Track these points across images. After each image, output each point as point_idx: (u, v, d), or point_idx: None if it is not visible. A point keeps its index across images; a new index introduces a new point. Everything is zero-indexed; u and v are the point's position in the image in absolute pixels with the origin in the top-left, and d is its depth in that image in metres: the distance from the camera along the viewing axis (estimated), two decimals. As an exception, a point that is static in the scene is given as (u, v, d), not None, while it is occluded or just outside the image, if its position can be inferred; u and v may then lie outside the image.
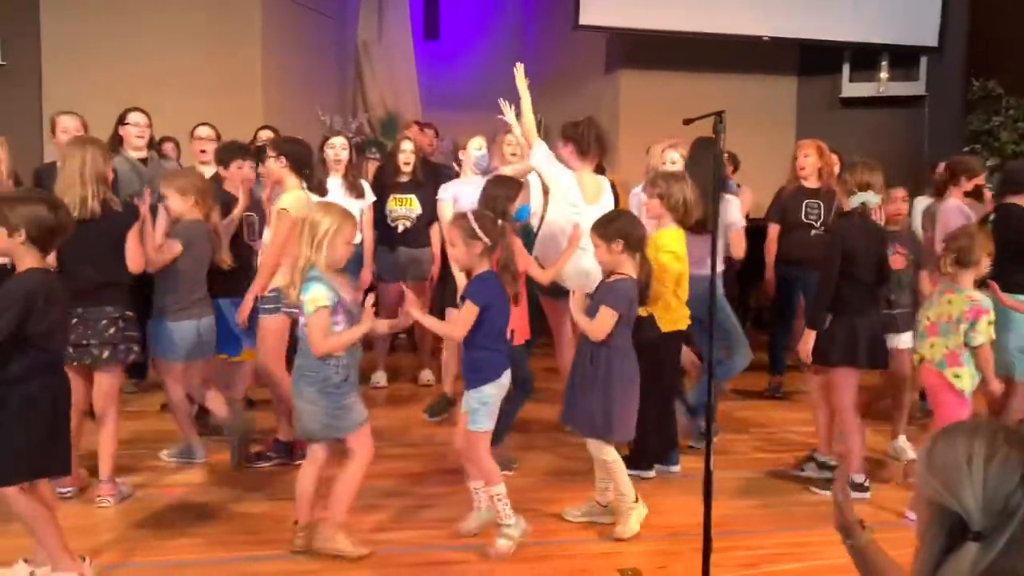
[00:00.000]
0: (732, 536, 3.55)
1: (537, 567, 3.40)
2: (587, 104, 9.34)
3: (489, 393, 3.48)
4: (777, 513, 3.99)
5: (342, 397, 3.35)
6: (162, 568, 3.31)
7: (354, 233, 3.41)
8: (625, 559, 3.44)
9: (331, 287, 3.28)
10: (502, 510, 3.47)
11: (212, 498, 4.02)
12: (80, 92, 7.18)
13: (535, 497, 4.02)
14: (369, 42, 9.83)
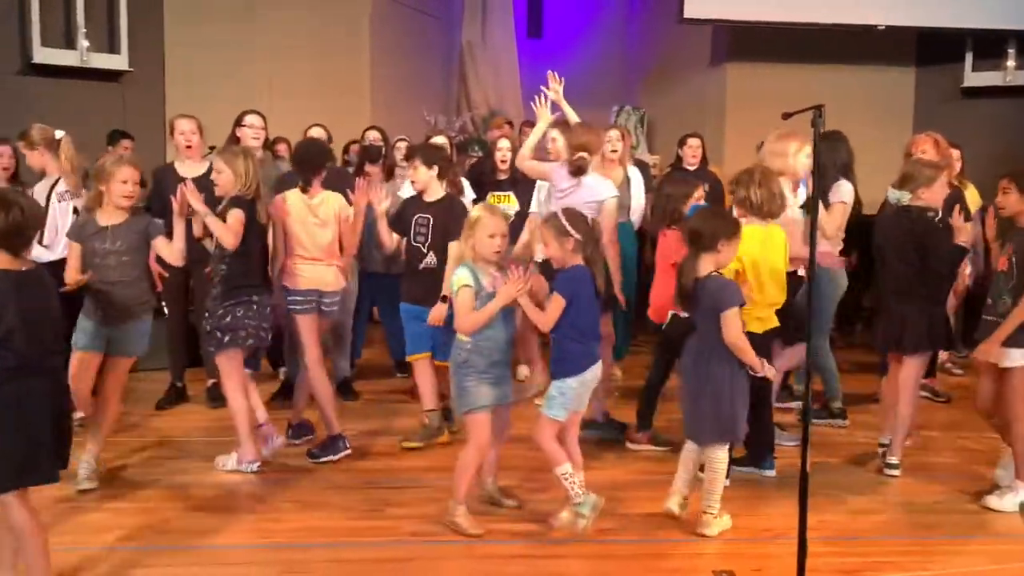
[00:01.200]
0: (832, 542, 3.47)
1: (630, 565, 3.39)
2: (692, 98, 9.24)
3: (569, 385, 3.56)
4: (882, 519, 3.85)
5: (463, 378, 3.56)
6: (272, 549, 3.45)
7: (496, 227, 3.59)
8: (720, 561, 3.38)
9: (475, 273, 3.55)
10: (570, 488, 3.54)
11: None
12: (199, 96, 7.55)
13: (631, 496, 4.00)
14: (473, 42, 9.97)
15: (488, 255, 3.58)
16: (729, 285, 3.63)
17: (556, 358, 3.61)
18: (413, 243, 4.64)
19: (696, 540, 3.57)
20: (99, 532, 3.55)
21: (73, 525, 3.62)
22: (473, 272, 3.56)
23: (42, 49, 7.61)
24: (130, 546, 3.44)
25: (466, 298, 3.52)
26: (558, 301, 3.53)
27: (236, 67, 8.02)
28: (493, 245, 3.57)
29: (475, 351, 3.56)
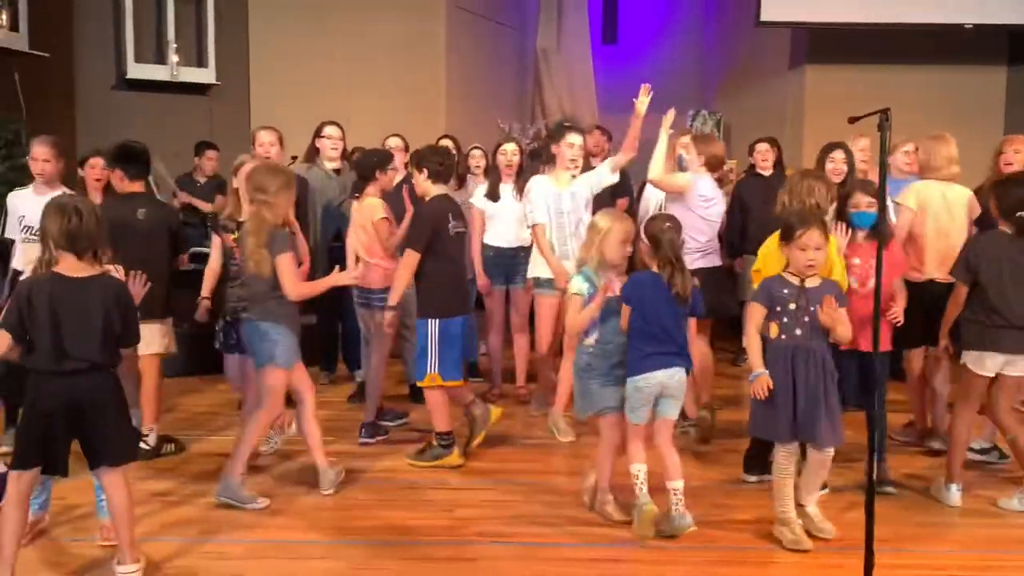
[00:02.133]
0: (902, 553, 3.40)
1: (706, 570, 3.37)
2: (770, 101, 9.09)
3: (634, 387, 3.60)
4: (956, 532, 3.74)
5: (587, 382, 3.69)
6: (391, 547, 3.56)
7: (628, 233, 3.68)
8: (788, 570, 3.34)
9: (589, 280, 3.67)
10: (636, 488, 3.63)
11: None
12: (281, 107, 7.82)
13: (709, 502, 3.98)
14: (548, 49, 10.02)
15: (617, 261, 3.68)
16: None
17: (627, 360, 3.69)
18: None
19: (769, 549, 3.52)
20: (186, 526, 3.72)
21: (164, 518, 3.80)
22: (590, 280, 3.68)
23: (136, 65, 8.00)
24: (216, 539, 3.59)
25: (573, 305, 3.70)
26: (625, 308, 3.64)
27: (316, 79, 8.26)
28: (624, 251, 3.67)
29: (597, 355, 3.69)
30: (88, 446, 3.04)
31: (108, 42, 8.01)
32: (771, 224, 4.59)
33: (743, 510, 3.88)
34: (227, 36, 8.39)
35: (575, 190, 5.12)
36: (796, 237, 3.45)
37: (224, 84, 8.35)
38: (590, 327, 3.68)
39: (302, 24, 8.42)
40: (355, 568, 3.35)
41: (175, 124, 7.88)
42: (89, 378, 2.98)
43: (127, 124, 7.77)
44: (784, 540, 3.49)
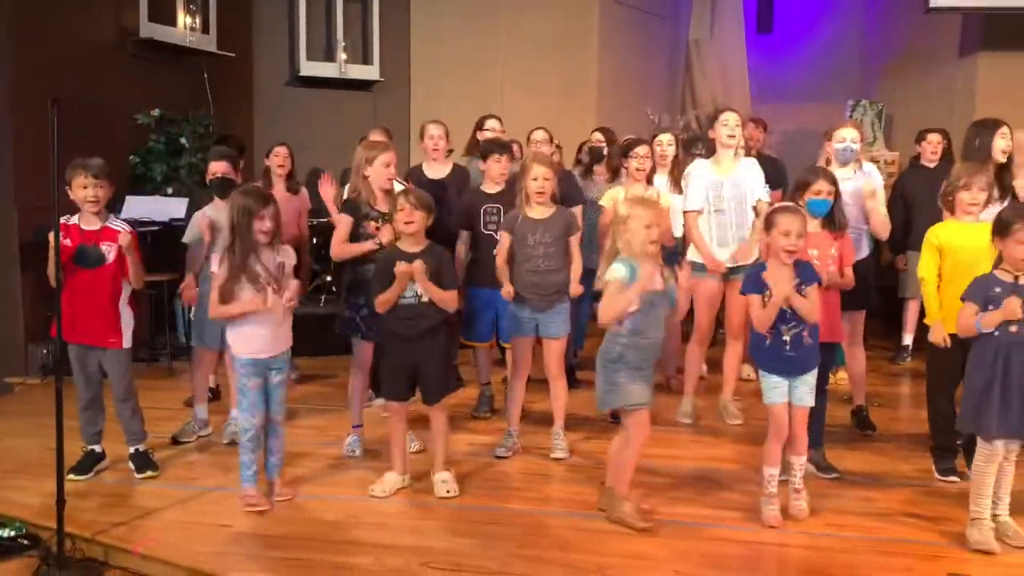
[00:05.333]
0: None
1: (862, 558, 3.37)
2: (937, 91, 8.69)
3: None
4: None
5: (614, 373, 3.58)
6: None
7: (650, 216, 3.54)
8: (958, 565, 3.29)
9: (629, 266, 3.50)
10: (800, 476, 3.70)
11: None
12: (440, 101, 8.15)
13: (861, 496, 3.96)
14: (701, 40, 9.93)
15: (645, 248, 3.51)
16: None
17: (818, 349, 3.72)
18: (485, 231, 4.86)
19: (937, 544, 3.48)
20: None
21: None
22: (631, 267, 3.50)
23: (307, 63, 8.52)
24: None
25: (615, 291, 3.51)
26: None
27: (473, 73, 8.56)
28: (650, 236, 3.51)
29: (631, 347, 3.57)
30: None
31: (283, 42, 8.58)
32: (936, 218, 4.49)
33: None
34: (390, 35, 8.81)
35: (738, 178, 5.03)
36: (1013, 232, 3.34)
37: (387, 80, 8.78)
38: (628, 317, 3.54)
39: (460, 23, 8.73)
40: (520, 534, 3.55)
41: (342, 118, 8.34)
42: None
43: (298, 118, 8.32)
44: (971, 540, 3.43)
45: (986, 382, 3.36)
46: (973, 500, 3.46)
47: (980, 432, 3.43)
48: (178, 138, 6.95)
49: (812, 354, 3.68)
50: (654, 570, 3.27)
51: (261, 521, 3.73)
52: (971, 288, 3.47)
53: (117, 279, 4.15)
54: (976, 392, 3.40)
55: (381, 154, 4.45)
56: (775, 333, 3.64)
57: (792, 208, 3.72)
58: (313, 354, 6.39)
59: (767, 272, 3.64)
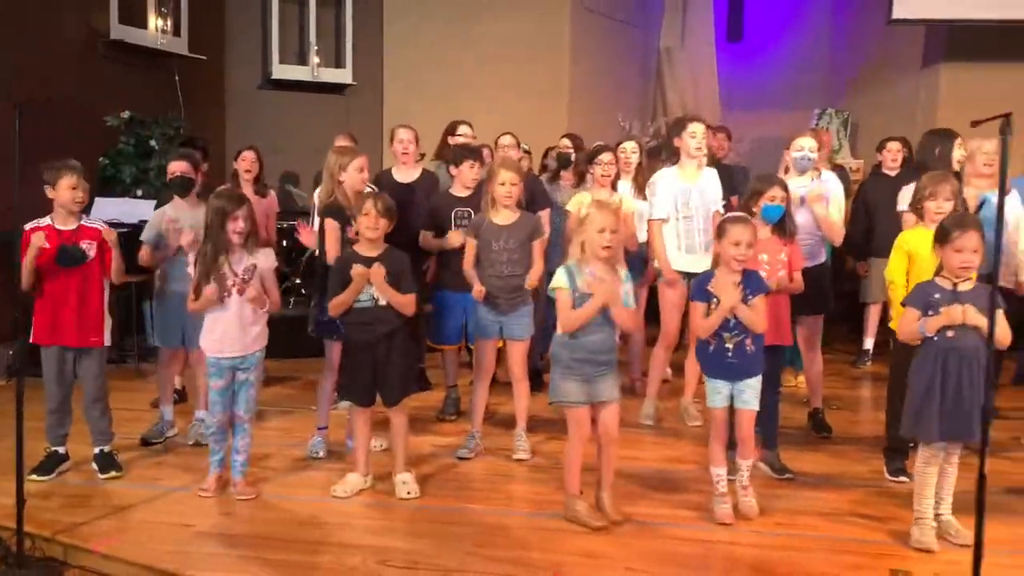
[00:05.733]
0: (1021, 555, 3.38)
1: (809, 555, 3.47)
2: (901, 101, 8.87)
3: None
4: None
5: (553, 370, 3.72)
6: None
7: (606, 222, 3.60)
8: (900, 562, 3.39)
9: (572, 275, 3.63)
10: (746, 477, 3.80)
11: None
12: (413, 107, 8.21)
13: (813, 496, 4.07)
14: (672, 48, 10.05)
15: (598, 251, 3.60)
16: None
17: (762, 355, 3.79)
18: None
19: (878, 542, 3.58)
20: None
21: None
22: (570, 274, 3.64)
23: (280, 66, 8.56)
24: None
25: (563, 299, 3.64)
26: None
27: (445, 79, 8.62)
28: (603, 240, 3.58)
29: (562, 345, 3.69)
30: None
31: (256, 45, 8.61)
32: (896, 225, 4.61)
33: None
34: (363, 39, 8.87)
35: (704, 186, 5.13)
36: (951, 240, 3.44)
37: (360, 84, 8.83)
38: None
39: (433, 27, 8.79)
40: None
41: (315, 122, 8.39)
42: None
43: (271, 121, 8.35)
44: (912, 539, 3.52)
45: (926, 386, 3.46)
46: (916, 501, 3.56)
47: (921, 435, 3.53)
48: (148, 140, 6.97)
49: (755, 361, 3.77)
50: (607, 568, 3.34)
51: (223, 520, 3.78)
52: (912, 294, 3.58)
53: (100, 277, 4.22)
54: (917, 396, 3.50)
55: (355, 159, 4.55)
56: (718, 340, 3.73)
57: (743, 218, 3.81)
58: (281, 356, 6.40)
59: (715, 280, 3.74)
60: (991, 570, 3.15)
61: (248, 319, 3.97)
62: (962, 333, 3.40)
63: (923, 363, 3.50)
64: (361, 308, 3.94)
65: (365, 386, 4.03)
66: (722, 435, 3.81)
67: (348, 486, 4.07)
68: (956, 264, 3.42)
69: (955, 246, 3.41)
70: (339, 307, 3.94)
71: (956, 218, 3.58)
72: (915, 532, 3.53)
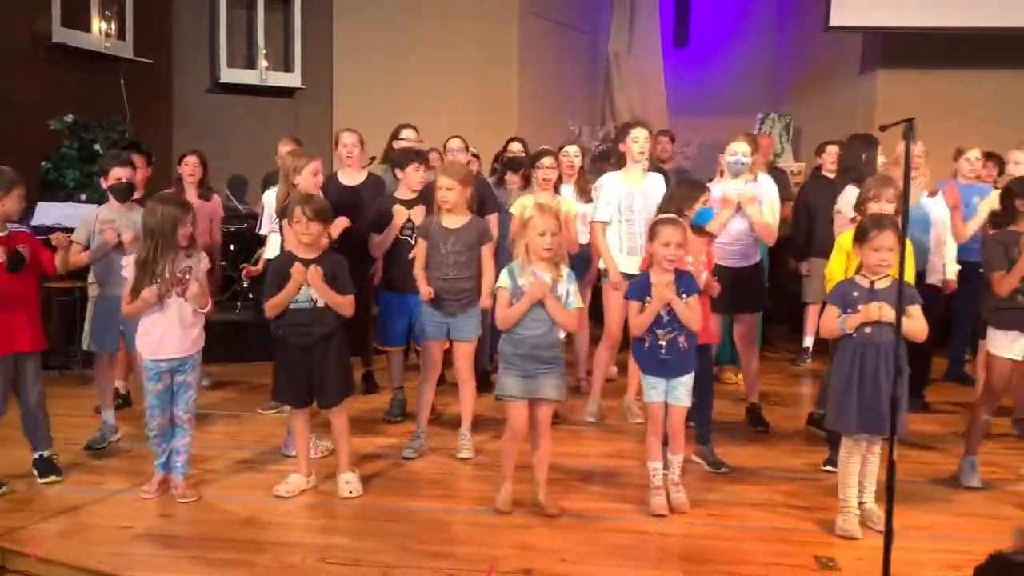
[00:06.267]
0: (941, 540, 3.59)
1: (737, 544, 3.60)
2: (841, 105, 9.12)
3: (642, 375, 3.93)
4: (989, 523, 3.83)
5: (504, 367, 3.83)
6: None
7: (548, 224, 3.73)
8: (825, 549, 3.52)
9: (513, 274, 3.77)
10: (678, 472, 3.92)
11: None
12: (362, 109, 8.24)
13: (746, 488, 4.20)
14: (620, 53, 10.20)
15: (540, 253, 3.75)
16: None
17: (695, 352, 3.90)
18: (400, 236, 5.03)
19: (804, 530, 3.71)
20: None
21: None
22: (511, 274, 3.79)
23: (228, 70, 8.53)
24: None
25: (502, 298, 3.80)
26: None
27: (395, 83, 8.67)
28: (544, 243, 3.73)
29: (506, 342, 3.84)
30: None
31: (203, 48, 8.57)
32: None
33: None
34: (312, 43, 8.88)
35: (648, 190, 5.23)
36: (870, 239, 3.58)
37: (309, 88, 8.83)
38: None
39: (382, 31, 8.84)
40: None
41: (263, 125, 8.37)
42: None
43: (219, 125, 8.33)
44: (837, 527, 3.65)
45: (845, 381, 3.61)
46: (840, 490, 3.71)
47: (842, 428, 3.68)
48: (92, 144, 6.91)
49: (688, 358, 3.88)
50: (542, 560, 3.42)
51: (163, 522, 3.79)
52: (833, 293, 3.73)
53: (36, 281, 4.23)
54: (838, 391, 3.65)
55: (309, 163, 4.63)
56: (652, 337, 3.84)
57: (673, 220, 3.92)
58: (227, 360, 6.43)
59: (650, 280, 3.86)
60: (908, 554, 3.32)
61: (188, 321, 3.99)
62: (879, 329, 3.55)
63: (842, 359, 3.64)
64: (298, 309, 3.98)
65: (301, 388, 4.06)
66: (658, 430, 3.91)
67: (291, 486, 4.09)
68: (873, 262, 3.57)
69: (873, 245, 3.56)
70: (275, 308, 3.98)
71: (874, 218, 3.73)
72: (839, 520, 3.67)
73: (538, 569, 3.34)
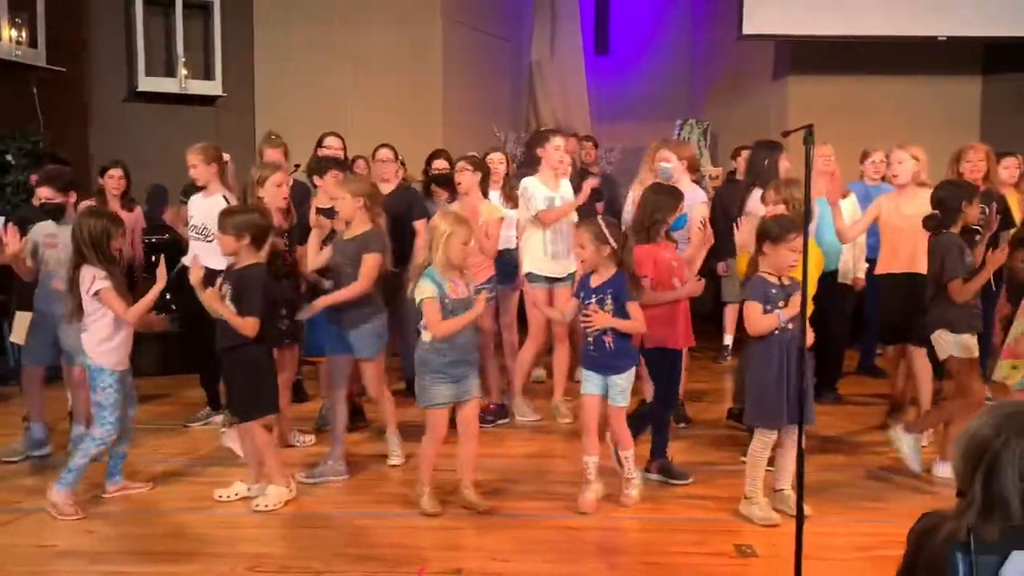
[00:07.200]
0: (851, 524, 3.79)
1: (658, 536, 3.73)
2: (755, 111, 9.43)
3: (634, 374, 3.97)
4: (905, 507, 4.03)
5: (422, 376, 3.89)
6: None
7: (468, 234, 3.85)
8: (743, 536, 3.68)
9: (437, 282, 3.80)
10: (630, 468, 3.98)
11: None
12: (285, 117, 8.17)
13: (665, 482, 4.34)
14: (542, 61, 10.36)
15: (460, 262, 3.86)
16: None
17: (626, 354, 3.94)
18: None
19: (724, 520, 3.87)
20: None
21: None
22: (436, 282, 3.81)
23: (146, 78, 8.37)
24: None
25: (432, 308, 3.78)
26: (637, 305, 3.89)
27: (318, 90, 8.63)
28: (465, 252, 3.86)
29: (432, 351, 3.84)
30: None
31: (120, 56, 8.39)
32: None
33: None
34: (233, 50, 8.76)
35: (564, 194, 5.48)
36: (788, 240, 3.73)
37: (230, 96, 8.72)
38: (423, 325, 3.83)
39: (304, 38, 8.78)
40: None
41: (183, 134, 8.22)
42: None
43: (138, 134, 8.16)
44: (754, 517, 3.80)
45: (776, 377, 3.74)
46: (749, 483, 3.86)
47: (771, 423, 3.79)
48: (4, 155, 6.71)
49: (618, 359, 3.92)
50: (470, 559, 3.49)
51: (86, 539, 3.72)
52: (752, 290, 3.86)
53: None
54: (764, 386, 3.76)
55: (272, 175, 4.71)
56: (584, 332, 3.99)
57: (583, 223, 4.05)
58: (156, 374, 6.37)
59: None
60: (821, 538, 3.49)
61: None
62: (794, 324, 3.72)
63: (767, 354, 3.75)
64: (217, 317, 3.97)
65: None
66: (589, 424, 4.00)
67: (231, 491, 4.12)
68: (789, 262, 3.74)
69: (791, 246, 3.73)
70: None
71: (789, 221, 3.89)
72: (755, 511, 3.83)
73: (468, 568, 3.40)
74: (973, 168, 5.81)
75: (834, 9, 8.24)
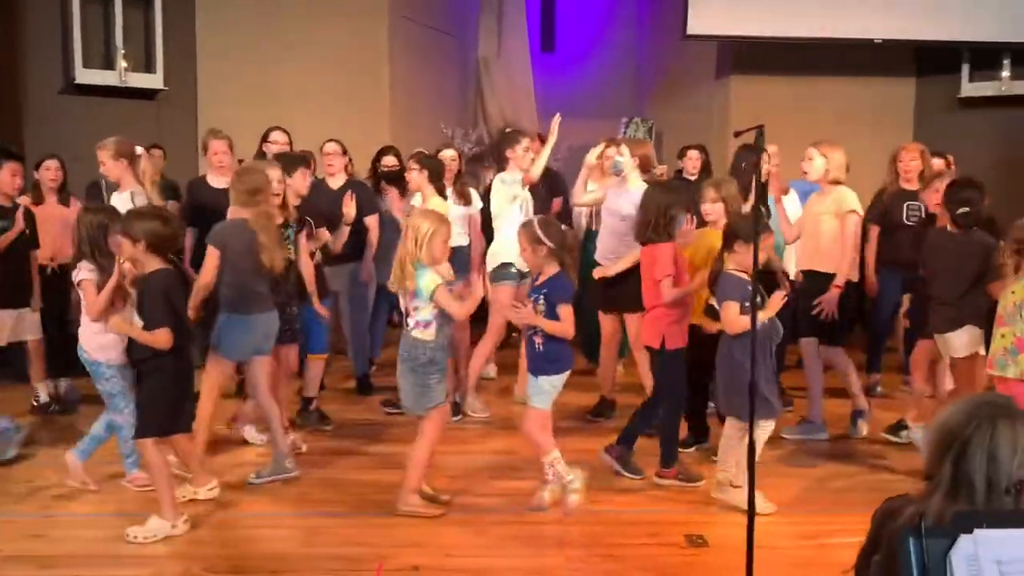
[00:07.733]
0: (797, 514, 3.93)
1: (611, 528, 3.82)
2: (698, 110, 9.58)
3: (560, 380, 3.95)
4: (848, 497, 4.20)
5: (427, 376, 3.84)
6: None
7: (449, 232, 3.90)
8: (694, 527, 3.77)
9: (436, 274, 3.85)
10: (561, 471, 3.90)
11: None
12: (228, 112, 8.04)
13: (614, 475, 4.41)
14: (489, 58, 10.36)
15: (442, 259, 3.90)
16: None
17: (551, 358, 3.93)
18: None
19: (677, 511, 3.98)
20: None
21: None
22: (437, 272, 3.85)
23: (84, 70, 8.14)
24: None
25: (447, 294, 3.81)
26: (569, 309, 3.89)
27: (262, 84, 8.49)
28: (446, 250, 3.92)
29: (439, 348, 3.85)
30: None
31: (56, 48, 8.13)
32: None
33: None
34: (175, 42, 8.57)
35: (526, 195, 5.62)
36: (763, 239, 3.74)
37: (172, 89, 8.53)
38: (435, 323, 3.82)
39: (248, 31, 8.64)
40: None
41: (123, 129, 8.01)
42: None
43: (75, 128, 7.91)
44: (733, 500, 3.87)
45: (758, 371, 3.75)
46: (725, 467, 3.98)
47: (767, 416, 3.87)
48: (-66, 148, 6.47)
49: (541, 359, 3.95)
50: (430, 556, 3.51)
51: (35, 544, 3.64)
52: (728, 289, 3.93)
53: None
54: (745, 380, 3.69)
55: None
56: None
57: (521, 226, 4.10)
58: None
59: None
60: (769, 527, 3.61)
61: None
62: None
63: (744, 349, 3.74)
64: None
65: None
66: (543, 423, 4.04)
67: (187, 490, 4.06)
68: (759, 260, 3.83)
69: (762, 246, 3.82)
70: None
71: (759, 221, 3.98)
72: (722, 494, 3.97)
73: (425, 565, 3.42)
74: (906, 168, 6.05)
75: (776, 11, 8.41)
